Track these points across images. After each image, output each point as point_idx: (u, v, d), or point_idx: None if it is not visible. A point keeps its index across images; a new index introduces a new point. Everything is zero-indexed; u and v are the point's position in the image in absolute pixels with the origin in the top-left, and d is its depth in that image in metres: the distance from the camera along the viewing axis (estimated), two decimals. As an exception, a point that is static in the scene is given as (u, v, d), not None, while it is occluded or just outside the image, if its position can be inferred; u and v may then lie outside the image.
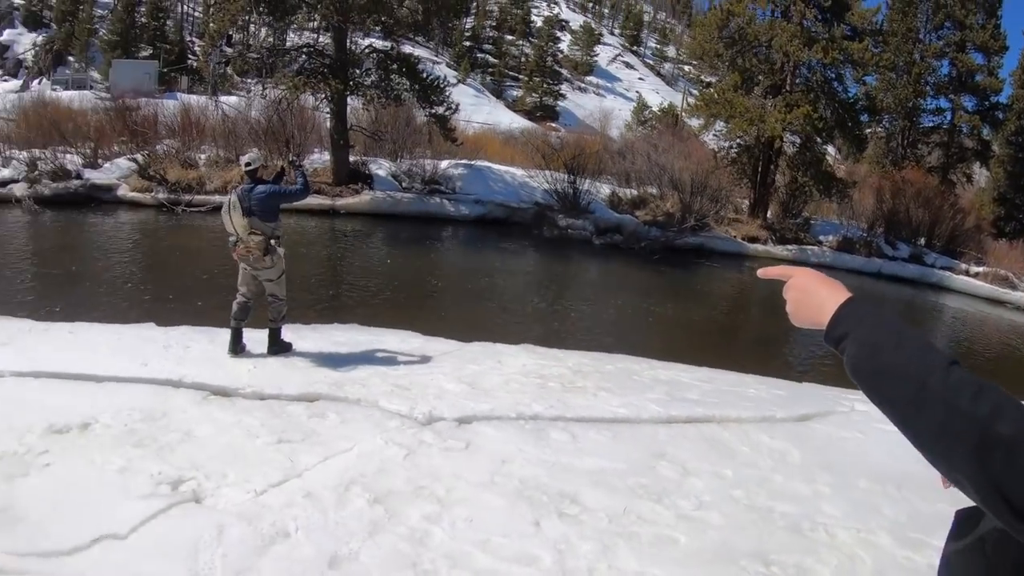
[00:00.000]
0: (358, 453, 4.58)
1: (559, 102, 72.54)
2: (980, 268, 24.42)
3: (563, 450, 4.98)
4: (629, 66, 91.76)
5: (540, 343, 8.62)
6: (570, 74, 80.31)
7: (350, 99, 22.16)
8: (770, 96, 25.07)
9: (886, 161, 34.52)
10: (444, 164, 23.48)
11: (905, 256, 24.96)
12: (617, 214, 22.75)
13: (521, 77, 75.49)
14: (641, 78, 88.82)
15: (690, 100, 36.51)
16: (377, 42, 23.02)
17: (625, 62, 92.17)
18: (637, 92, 78.89)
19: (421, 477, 4.32)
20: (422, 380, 6.19)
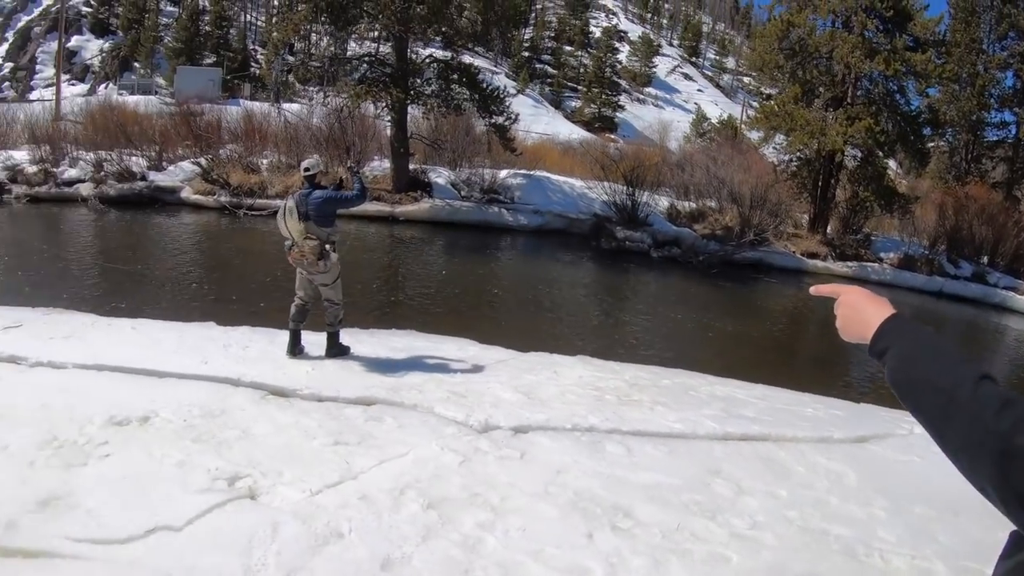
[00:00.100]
0: (414, 458, 4.56)
1: (618, 113, 72.42)
2: (1046, 289, 23.52)
3: (618, 463, 4.89)
4: (688, 77, 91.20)
5: (597, 355, 8.54)
6: (629, 85, 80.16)
7: (410, 108, 22.41)
8: (831, 109, 24.56)
9: (949, 176, 33.61)
10: (503, 173, 23.58)
11: (967, 275, 24.21)
12: (675, 227, 22.51)
13: (580, 88, 75.64)
14: (700, 90, 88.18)
15: (750, 112, 36.11)
16: (437, 52, 23.27)
17: (684, 73, 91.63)
18: (696, 104, 78.25)
19: (476, 484, 4.28)
20: (478, 388, 6.15)
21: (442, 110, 22.31)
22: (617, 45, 79.50)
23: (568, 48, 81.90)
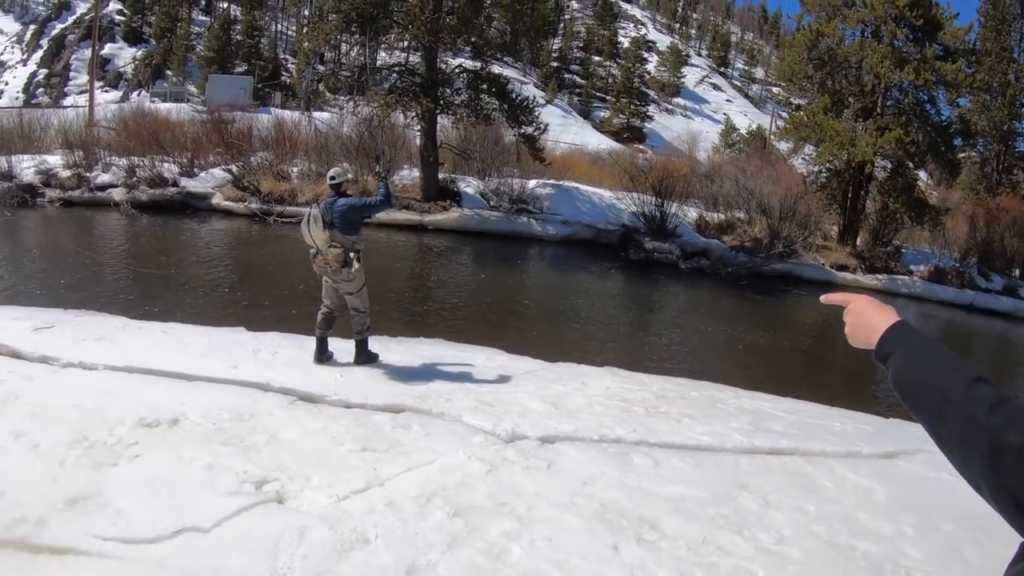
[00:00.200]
0: (440, 466, 4.56)
1: (646, 123, 72.33)
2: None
3: (645, 475, 4.86)
4: (717, 87, 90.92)
5: (624, 366, 8.49)
6: (657, 95, 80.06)
7: (440, 117, 22.52)
8: (861, 119, 24.31)
9: (980, 187, 33.19)
10: (532, 184, 23.60)
11: (999, 288, 23.87)
12: (704, 238, 22.36)
13: (608, 98, 75.66)
14: (729, 100, 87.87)
15: (779, 123, 35.80)
16: (467, 62, 23.38)
17: (712, 83, 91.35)
18: (725, 114, 78.04)
19: (502, 493, 4.27)
20: (506, 398, 6.15)
21: (471, 120, 22.38)
22: (645, 55, 79.52)
23: (597, 58, 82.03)
